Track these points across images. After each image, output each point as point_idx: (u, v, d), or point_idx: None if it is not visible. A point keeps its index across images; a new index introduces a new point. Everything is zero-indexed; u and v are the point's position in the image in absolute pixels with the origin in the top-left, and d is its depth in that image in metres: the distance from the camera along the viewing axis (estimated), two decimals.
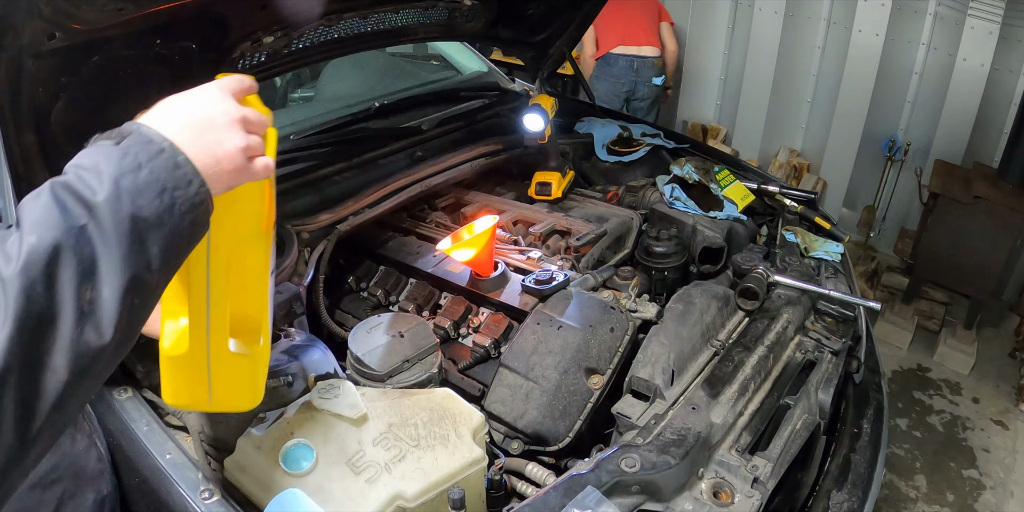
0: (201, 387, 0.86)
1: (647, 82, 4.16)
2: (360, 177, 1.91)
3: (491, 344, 1.54)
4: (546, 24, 2.26)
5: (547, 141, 2.10)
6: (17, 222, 0.60)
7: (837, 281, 1.77)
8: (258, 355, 0.92)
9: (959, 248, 3.33)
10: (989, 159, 3.65)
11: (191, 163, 0.68)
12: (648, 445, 1.21)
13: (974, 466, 2.82)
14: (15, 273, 0.57)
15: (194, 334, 0.83)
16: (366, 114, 2.14)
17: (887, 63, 3.90)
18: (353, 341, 1.37)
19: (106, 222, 0.61)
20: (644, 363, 1.39)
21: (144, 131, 0.67)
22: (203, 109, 0.72)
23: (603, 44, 4.13)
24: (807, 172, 4.46)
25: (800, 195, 2.07)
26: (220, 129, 0.72)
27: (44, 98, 1.11)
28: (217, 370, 0.85)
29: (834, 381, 1.46)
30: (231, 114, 0.73)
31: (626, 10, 4.05)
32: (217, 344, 0.85)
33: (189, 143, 0.69)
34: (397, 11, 1.83)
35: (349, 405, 1.15)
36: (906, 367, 3.41)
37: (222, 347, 0.85)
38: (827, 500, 1.35)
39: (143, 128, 0.67)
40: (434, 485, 1.09)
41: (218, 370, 0.84)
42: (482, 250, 1.54)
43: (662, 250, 1.80)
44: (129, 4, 1.07)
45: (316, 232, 1.68)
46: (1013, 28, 3.48)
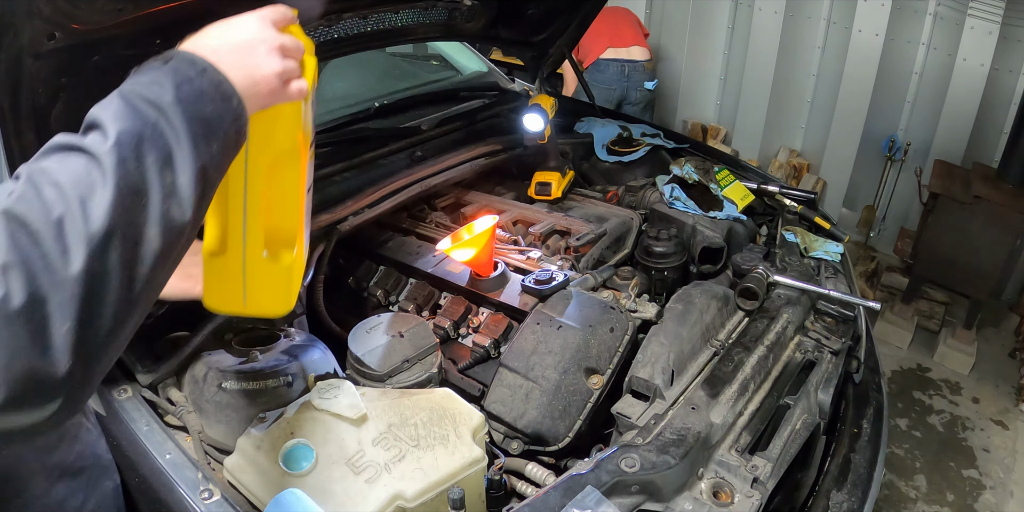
0: (236, 290, 0.95)
1: (638, 87, 4.12)
2: (360, 177, 1.91)
3: (491, 344, 1.54)
4: (546, 24, 2.26)
5: (547, 141, 2.10)
6: (90, 125, 0.67)
7: (837, 281, 1.77)
8: (292, 265, 0.98)
9: (959, 248, 3.33)
10: (989, 159, 3.65)
11: (230, 82, 0.75)
12: (648, 445, 1.21)
13: (974, 466, 2.82)
14: (110, 149, 0.64)
15: (231, 238, 0.92)
16: (366, 114, 2.14)
17: (887, 63, 3.90)
18: (353, 341, 1.37)
19: (175, 120, 0.69)
20: (644, 363, 1.39)
21: (186, 55, 0.74)
22: (243, 35, 0.79)
23: (591, 52, 4.09)
24: (807, 172, 4.46)
25: (800, 195, 2.07)
26: (258, 54, 0.79)
27: (44, 98, 1.11)
28: (252, 274, 0.93)
29: (834, 381, 1.46)
30: (269, 41, 0.80)
31: (607, 15, 4.04)
32: (252, 250, 0.93)
33: (229, 65, 0.76)
34: (397, 11, 1.83)
35: (349, 405, 1.15)
36: (906, 367, 3.41)
37: (256, 253, 0.93)
38: (827, 500, 1.35)
39: (184, 52, 0.74)
40: (434, 485, 1.09)
41: (252, 274, 0.93)
42: (482, 250, 1.54)
43: (662, 250, 1.80)
44: (129, 4, 1.07)
45: (316, 232, 1.68)
46: (1013, 28, 3.48)
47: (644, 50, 4.11)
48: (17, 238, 0.57)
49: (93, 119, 0.67)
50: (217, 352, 1.27)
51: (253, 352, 1.27)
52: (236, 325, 1.37)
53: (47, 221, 0.59)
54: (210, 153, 0.71)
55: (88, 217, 0.60)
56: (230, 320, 1.34)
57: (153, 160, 0.66)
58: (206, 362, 1.24)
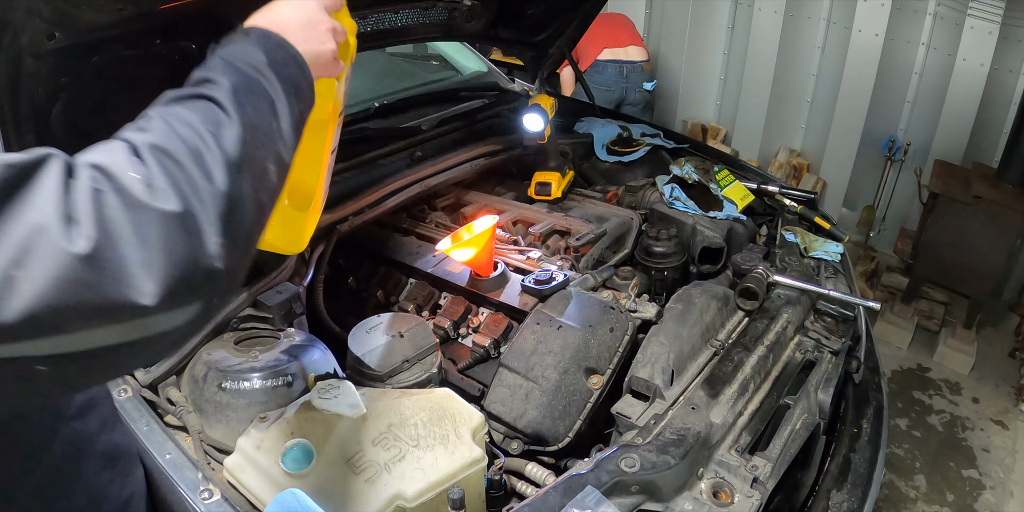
0: None
1: (637, 88, 4.11)
2: (360, 177, 1.91)
3: (491, 344, 1.54)
4: (546, 24, 2.26)
5: (547, 141, 2.10)
6: (201, 80, 0.75)
7: (837, 281, 1.77)
8: (308, 214, 1.11)
9: (959, 248, 3.32)
10: (989, 159, 3.65)
11: (301, 55, 0.86)
12: (648, 445, 1.21)
13: (974, 466, 2.82)
14: (228, 95, 0.72)
15: None
16: (366, 114, 2.14)
17: (887, 63, 3.90)
18: (353, 341, 1.38)
19: (271, 78, 0.78)
20: (644, 363, 1.39)
21: (262, 31, 0.84)
22: (307, 16, 0.91)
23: (588, 54, 4.08)
24: (807, 172, 4.46)
25: (800, 195, 2.07)
26: (319, 33, 0.91)
27: (44, 98, 1.11)
28: (273, 217, 0.97)
29: (834, 381, 1.46)
30: (326, 23, 0.93)
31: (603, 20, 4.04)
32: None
33: (299, 42, 0.87)
34: (397, 11, 1.83)
35: (349, 405, 1.15)
36: (906, 367, 3.41)
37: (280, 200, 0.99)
38: (827, 500, 1.35)
39: (261, 28, 0.85)
40: (434, 485, 1.09)
41: (274, 217, 0.96)
42: (482, 250, 1.54)
43: (662, 250, 1.80)
44: (129, 4, 1.07)
45: (316, 232, 1.68)
46: (1013, 28, 3.48)
47: (642, 50, 4.11)
48: (165, 165, 0.63)
49: (203, 76, 0.75)
50: (217, 352, 1.27)
51: (253, 352, 1.27)
52: (236, 325, 1.37)
53: (188, 152, 0.66)
54: (299, 109, 0.82)
55: (223, 147, 0.68)
56: (230, 320, 1.34)
57: (264, 107, 0.76)
58: (206, 362, 1.24)
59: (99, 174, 0.60)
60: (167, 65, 1.32)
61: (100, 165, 0.61)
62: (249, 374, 1.21)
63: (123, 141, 0.65)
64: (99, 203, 0.58)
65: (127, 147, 0.64)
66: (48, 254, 0.54)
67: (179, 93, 0.73)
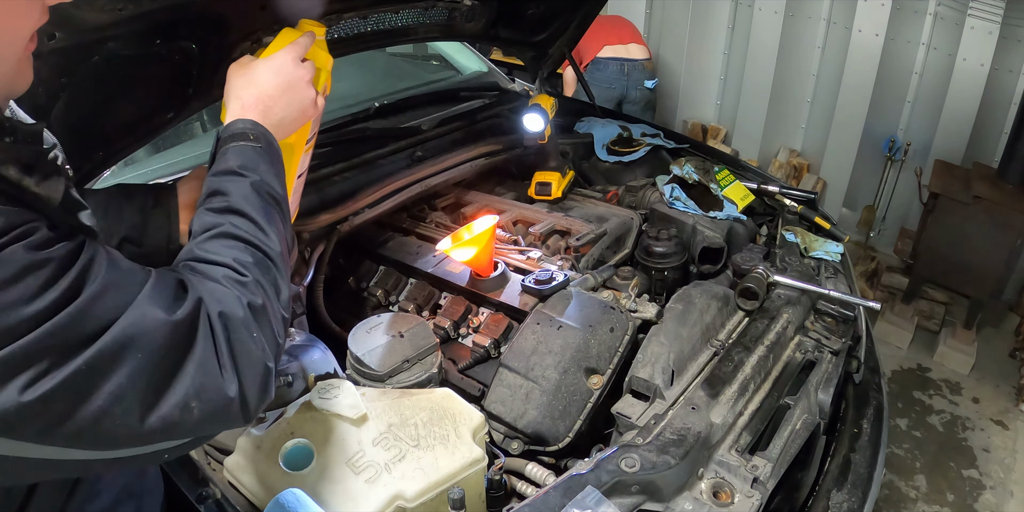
0: None
1: (639, 86, 4.12)
2: (360, 177, 1.91)
3: (491, 344, 1.54)
4: (546, 24, 2.26)
5: (547, 141, 2.10)
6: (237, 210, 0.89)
7: (837, 281, 1.77)
8: None
9: (959, 248, 3.32)
10: (989, 159, 3.65)
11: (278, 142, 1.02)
12: (648, 445, 1.21)
13: (974, 466, 2.82)
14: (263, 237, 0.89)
15: None
16: (366, 114, 2.14)
17: (887, 63, 3.90)
18: (353, 341, 1.37)
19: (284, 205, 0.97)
20: (644, 363, 1.39)
21: (267, 134, 0.99)
22: (287, 80, 1.03)
23: (589, 51, 4.09)
24: (807, 172, 4.46)
25: (800, 195, 2.06)
26: (300, 90, 1.04)
27: (44, 98, 1.11)
28: None
29: (834, 381, 1.46)
30: (304, 77, 1.05)
31: (604, 19, 4.05)
32: None
33: (283, 107, 1.02)
34: (397, 11, 1.83)
35: (349, 405, 1.15)
36: (906, 367, 3.41)
37: None
38: (827, 500, 1.35)
39: (264, 130, 0.99)
40: (434, 485, 1.09)
41: None
42: (482, 250, 1.54)
43: (662, 250, 1.80)
44: (129, 4, 1.07)
45: (316, 232, 1.68)
46: (1013, 28, 3.48)
47: (643, 48, 4.11)
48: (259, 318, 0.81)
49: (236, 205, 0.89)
50: None
51: None
52: None
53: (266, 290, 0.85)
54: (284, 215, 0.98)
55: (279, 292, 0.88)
56: None
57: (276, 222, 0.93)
58: None
59: (224, 324, 0.76)
60: (167, 65, 1.32)
61: (224, 314, 0.77)
62: None
63: (230, 288, 0.80)
64: (235, 351, 0.76)
65: (236, 297, 0.79)
66: (213, 392, 0.73)
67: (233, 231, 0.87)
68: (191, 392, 0.71)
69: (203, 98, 1.45)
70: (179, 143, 2.03)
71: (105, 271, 0.69)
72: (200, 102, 1.45)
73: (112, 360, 0.66)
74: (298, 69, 1.04)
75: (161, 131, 1.41)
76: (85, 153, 1.28)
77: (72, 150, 1.23)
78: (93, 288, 0.67)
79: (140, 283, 0.72)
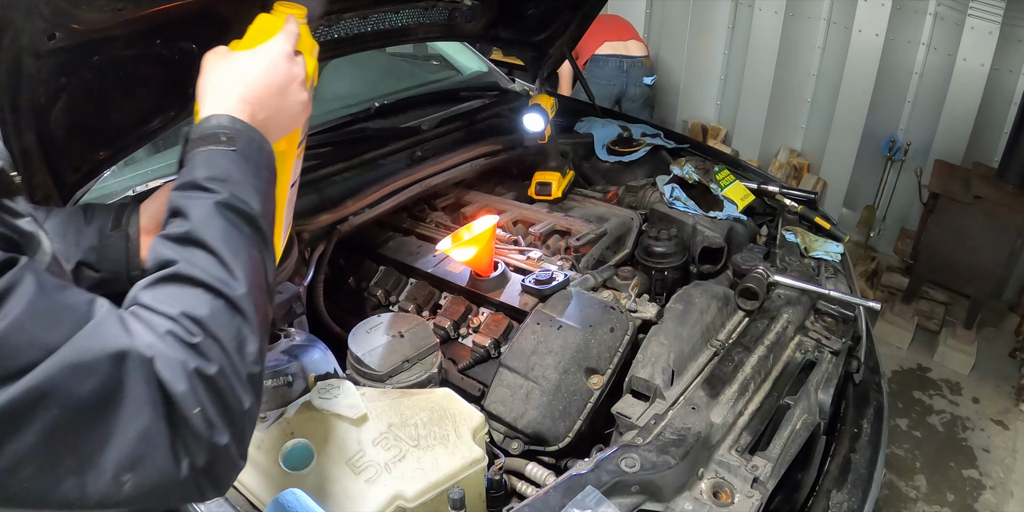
0: None
1: (637, 82, 4.14)
2: (360, 177, 1.91)
3: (491, 344, 1.54)
4: (546, 24, 2.26)
5: (547, 141, 2.10)
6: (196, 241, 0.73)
7: (837, 281, 1.77)
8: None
9: (959, 248, 3.32)
10: (989, 159, 3.65)
11: (268, 143, 0.85)
12: (648, 445, 1.21)
13: (974, 466, 2.82)
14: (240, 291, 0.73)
15: None
16: (366, 114, 2.13)
17: (887, 63, 3.90)
18: (353, 341, 1.37)
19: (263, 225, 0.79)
20: (644, 363, 1.39)
21: (248, 133, 0.82)
22: (279, 77, 0.88)
23: (588, 48, 4.10)
24: (807, 172, 4.46)
25: (800, 195, 2.06)
26: (292, 93, 0.90)
27: (44, 98, 1.11)
28: None
29: (834, 381, 1.46)
30: (297, 78, 0.90)
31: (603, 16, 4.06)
32: None
33: (274, 109, 0.87)
34: (397, 11, 1.83)
35: (349, 405, 1.15)
36: (906, 367, 3.41)
37: None
38: (827, 500, 1.35)
39: (244, 128, 0.82)
40: (434, 485, 1.09)
41: None
42: (482, 250, 1.54)
43: (662, 250, 1.80)
44: (129, 4, 1.07)
45: (316, 232, 1.68)
46: (1013, 28, 3.48)
47: (641, 45, 4.13)
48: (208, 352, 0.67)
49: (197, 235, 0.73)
50: None
51: None
52: None
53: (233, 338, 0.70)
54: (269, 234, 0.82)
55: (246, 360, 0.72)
56: None
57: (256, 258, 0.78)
58: None
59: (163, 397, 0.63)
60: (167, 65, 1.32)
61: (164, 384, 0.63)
62: None
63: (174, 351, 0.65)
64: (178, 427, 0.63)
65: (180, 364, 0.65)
66: (152, 468, 0.62)
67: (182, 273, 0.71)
68: (124, 463, 0.60)
69: None
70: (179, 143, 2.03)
71: (30, 301, 0.57)
72: None
73: (22, 414, 0.55)
74: (293, 66, 0.89)
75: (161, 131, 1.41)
76: (85, 153, 1.28)
77: (72, 150, 1.23)
78: (7, 320, 0.56)
79: (78, 322, 0.60)
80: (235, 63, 0.87)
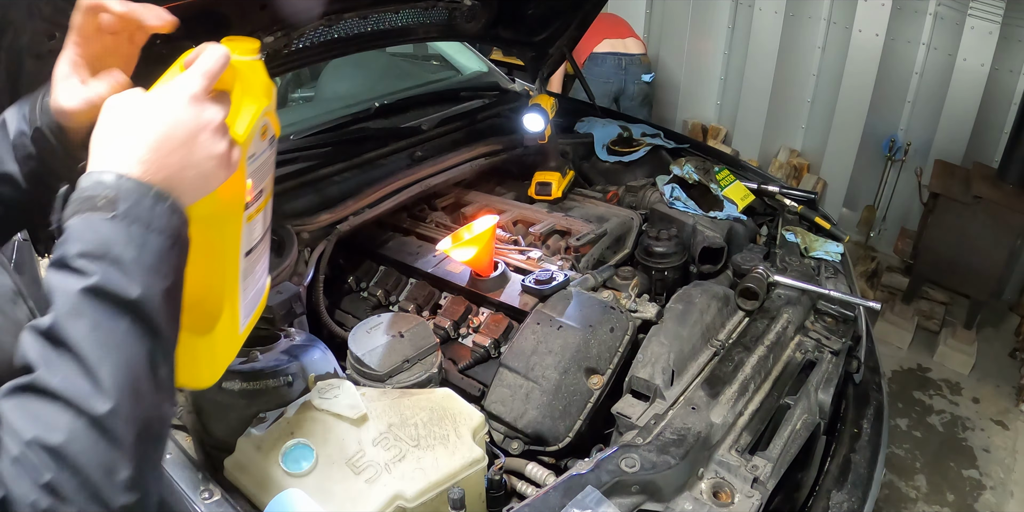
0: None
1: (636, 80, 4.15)
2: (360, 177, 1.91)
3: (491, 344, 1.54)
4: (546, 24, 2.26)
5: (547, 141, 2.10)
6: (58, 340, 0.58)
7: (837, 281, 1.77)
8: (215, 339, 0.82)
9: (959, 248, 3.32)
10: (989, 159, 3.65)
11: (178, 203, 0.66)
12: (648, 445, 1.21)
13: (974, 466, 2.82)
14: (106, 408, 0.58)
15: None
16: (366, 114, 2.14)
17: (887, 63, 3.90)
18: (353, 341, 1.37)
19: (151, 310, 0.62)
20: (644, 363, 1.39)
21: (136, 193, 0.63)
22: (180, 128, 0.67)
23: (586, 45, 4.11)
24: (807, 172, 4.46)
25: (800, 195, 2.07)
26: (203, 145, 0.68)
27: None
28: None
29: (834, 381, 1.46)
30: (209, 124, 0.69)
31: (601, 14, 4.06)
32: None
33: (180, 177, 0.66)
34: (397, 11, 1.83)
35: (349, 405, 1.15)
36: (906, 367, 3.41)
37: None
38: (827, 500, 1.35)
39: (132, 187, 0.63)
40: (434, 485, 1.09)
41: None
42: (482, 250, 1.54)
43: (662, 250, 1.80)
44: None
45: (316, 232, 1.68)
46: (1013, 28, 3.48)
47: (639, 43, 4.15)
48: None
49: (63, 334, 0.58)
50: None
51: (253, 352, 1.27)
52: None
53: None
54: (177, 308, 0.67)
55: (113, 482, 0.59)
56: None
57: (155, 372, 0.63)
58: None
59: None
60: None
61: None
62: (249, 374, 1.21)
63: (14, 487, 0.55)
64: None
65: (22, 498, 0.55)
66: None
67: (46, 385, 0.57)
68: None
69: None
70: None
71: None
72: None
73: None
74: (201, 112, 0.68)
75: None
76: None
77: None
78: None
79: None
80: (130, 108, 0.68)
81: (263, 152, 0.81)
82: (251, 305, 0.88)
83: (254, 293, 0.88)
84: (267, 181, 0.85)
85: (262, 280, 0.90)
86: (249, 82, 0.78)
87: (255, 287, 0.88)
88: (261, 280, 0.90)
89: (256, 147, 0.79)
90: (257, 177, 0.80)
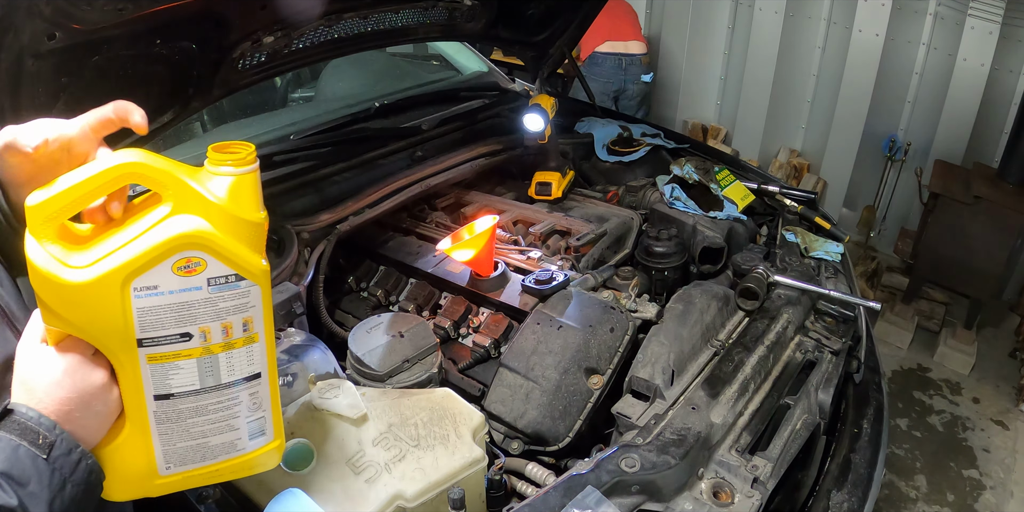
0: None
1: (636, 80, 4.17)
2: (360, 177, 1.91)
3: (491, 344, 1.54)
4: (546, 24, 2.26)
5: (547, 141, 2.10)
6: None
7: (837, 281, 1.77)
8: (119, 458, 0.76)
9: (959, 248, 3.33)
10: (989, 159, 3.65)
11: (91, 456, 0.71)
12: (648, 445, 1.21)
13: (974, 466, 2.82)
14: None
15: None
16: (366, 114, 2.13)
17: (887, 63, 3.90)
18: (353, 341, 1.37)
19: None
20: (644, 363, 1.39)
21: (65, 443, 0.68)
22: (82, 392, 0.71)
23: (588, 44, 4.11)
24: (807, 172, 4.46)
25: (800, 195, 2.07)
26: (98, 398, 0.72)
27: (44, 98, 1.11)
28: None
29: (834, 381, 1.46)
30: (96, 382, 0.72)
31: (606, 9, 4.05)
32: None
33: (93, 426, 0.72)
34: (397, 11, 1.83)
35: (349, 405, 1.15)
36: (906, 367, 3.41)
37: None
38: (827, 500, 1.35)
39: (65, 437, 0.68)
40: (434, 485, 1.09)
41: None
42: (482, 250, 1.54)
43: (662, 250, 1.80)
44: (129, 4, 1.07)
45: (316, 232, 1.68)
46: (1013, 28, 3.48)
47: (641, 44, 4.15)
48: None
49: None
50: None
51: None
52: None
53: None
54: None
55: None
56: None
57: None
58: None
59: None
60: (167, 65, 1.32)
61: None
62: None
63: None
64: None
65: None
66: None
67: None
68: None
69: (203, 98, 1.45)
70: (179, 143, 2.03)
71: None
72: (200, 102, 1.45)
73: None
74: (89, 374, 0.72)
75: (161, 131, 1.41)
76: None
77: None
78: None
79: None
80: (36, 359, 0.72)
81: (190, 289, 0.70)
82: (194, 455, 0.77)
83: (196, 445, 0.77)
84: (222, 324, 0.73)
85: (227, 435, 0.78)
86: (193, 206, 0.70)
87: (200, 439, 0.77)
88: (225, 435, 0.78)
89: (163, 281, 0.69)
90: (180, 317, 0.70)
